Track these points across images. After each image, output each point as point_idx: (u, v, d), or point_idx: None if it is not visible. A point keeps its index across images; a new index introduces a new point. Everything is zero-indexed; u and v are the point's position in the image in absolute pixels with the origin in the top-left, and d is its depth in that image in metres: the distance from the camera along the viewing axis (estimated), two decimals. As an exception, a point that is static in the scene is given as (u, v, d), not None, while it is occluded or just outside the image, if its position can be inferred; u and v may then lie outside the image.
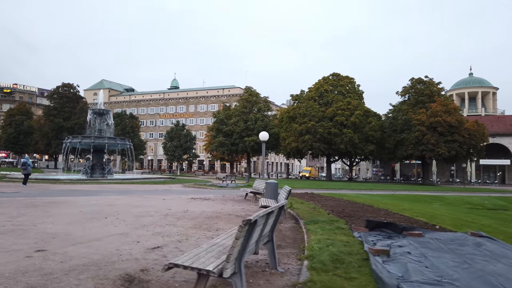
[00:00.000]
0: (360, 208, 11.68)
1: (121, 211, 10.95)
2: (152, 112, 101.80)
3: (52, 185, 26.33)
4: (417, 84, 48.10)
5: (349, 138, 46.37)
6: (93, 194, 18.08)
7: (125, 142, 38.93)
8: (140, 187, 25.87)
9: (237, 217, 10.11)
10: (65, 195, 17.22)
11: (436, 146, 42.62)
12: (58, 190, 20.30)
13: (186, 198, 16.33)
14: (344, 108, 47.76)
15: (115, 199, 15.35)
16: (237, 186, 26.20)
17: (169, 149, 61.11)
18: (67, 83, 72.91)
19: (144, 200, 14.77)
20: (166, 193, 19.97)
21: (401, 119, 45.71)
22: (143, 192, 20.47)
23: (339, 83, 52.11)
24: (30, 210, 10.70)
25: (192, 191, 22.46)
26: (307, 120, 48.33)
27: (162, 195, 18.18)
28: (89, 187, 24.65)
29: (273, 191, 12.54)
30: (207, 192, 21.52)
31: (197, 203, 13.87)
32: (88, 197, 15.94)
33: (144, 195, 17.59)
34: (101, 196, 16.59)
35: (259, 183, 16.12)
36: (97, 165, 37.10)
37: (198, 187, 25.88)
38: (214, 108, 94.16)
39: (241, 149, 54.03)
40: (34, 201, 13.43)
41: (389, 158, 52.30)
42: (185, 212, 11.03)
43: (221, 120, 55.28)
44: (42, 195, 16.47)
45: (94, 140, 35.74)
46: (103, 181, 31.43)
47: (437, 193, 27.87)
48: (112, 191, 20.28)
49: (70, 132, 66.38)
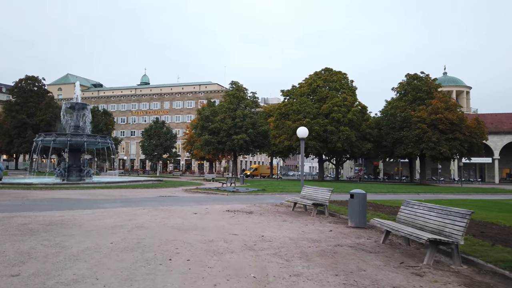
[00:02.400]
0: (500, 228, 8.68)
1: (172, 240, 7.38)
2: (123, 109, 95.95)
3: (27, 191, 21.89)
4: (413, 80, 46.34)
5: (346, 136, 43.92)
6: (90, 205, 14.17)
7: (106, 140, 34.58)
8: (135, 193, 21.92)
9: (357, 251, 6.81)
10: (56, 207, 13.24)
11: (437, 144, 40.90)
12: (41, 200, 16.15)
13: (221, 211, 12.81)
14: (341, 105, 45.27)
15: (131, 213, 11.61)
16: (250, 191, 22.74)
17: (148, 148, 56.42)
18: (31, 76, 66.31)
19: (176, 216, 11.12)
20: (180, 201, 16.28)
21: (400, 116, 43.71)
22: (149, 200, 16.65)
23: (332, 78, 49.59)
24: (33, 242, 6.95)
25: (205, 198, 18.83)
26: (301, 117, 45.46)
27: (181, 204, 14.51)
28: (73, 193, 20.47)
29: (361, 206, 9.35)
30: (226, 199, 17.97)
31: (252, 221, 10.44)
32: (91, 211, 12.11)
33: (160, 206, 13.88)
34: (107, 209, 12.78)
35: (312, 190, 12.85)
36: (74, 167, 32.65)
37: (206, 193, 22.22)
38: (191, 105, 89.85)
39: (228, 147, 50.44)
40: (26, 222, 9.54)
41: (387, 156, 50.37)
42: (266, 240, 7.59)
43: (207, 117, 51.40)
44: (27, 209, 12.46)
45: (71, 138, 31.30)
46: (84, 186, 27.15)
47: (486, 196, 25.36)
48: (111, 200, 16.36)
49: (35, 129, 60.21)
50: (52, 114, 61.85)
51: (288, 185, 30.94)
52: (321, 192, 12.06)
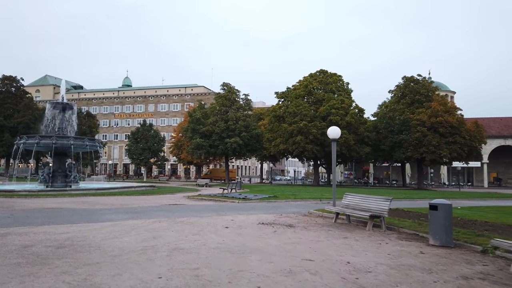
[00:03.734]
0: None
1: (238, 271, 5.49)
2: (106, 111, 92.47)
3: (10, 200, 19.47)
4: (410, 82, 45.46)
5: (345, 140, 42.53)
6: (92, 217, 12.06)
7: (95, 144, 32.17)
8: (135, 200, 19.75)
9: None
10: (54, 220, 11.09)
11: (437, 148, 39.96)
12: (31, 211, 13.89)
13: (253, 223, 10.92)
14: (338, 107, 43.87)
15: (150, 228, 9.60)
16: (261, 198, 20.84)
17: (135, 152, 53.70)
18: (8, 76, 62.47)
19: (207, 232, 9.18)
20: (193, 211, 14.25)
21: (399, 119, 42.61)
22: (157, 210, 14.56)
23: (327, 80, 48.24)
24: (49, 279, 4.96)
25: (218, 206, 16.85)
26: (298, 120, 43.84)
27: (199, 215, 12.48)
28: (64, 202, 18.18)
29: (447, 221, 7.68)
30: (242, 207, 16.06)
31: (308, 239, 8.61)
32: (98, 226, 10.06)
33: (177, 218, 11.89)
34: (115, 222, 10.72)
35: (358, 199, 11.12)
36: (59, 172, 30.12)
37: (214, 200, 20.19)
38: (177, 107, 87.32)
39: (221, 151, 48.38)
40: (27, 243, 7.46)
41: (384, 160, 49.27)
42: (362, 271, 5.78)
43: (198, 119, 49.20)
44: (19, 223, 10.29)
45: (57, 140, 28.69)
46: (73, 193, 24.73)
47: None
48: (112, 210, 14.25)
49: (12, 133, 56.65)
50: (31, 116, 58.42)
51: (291, 191, 29.23)
52: (374, 201, 10.35)
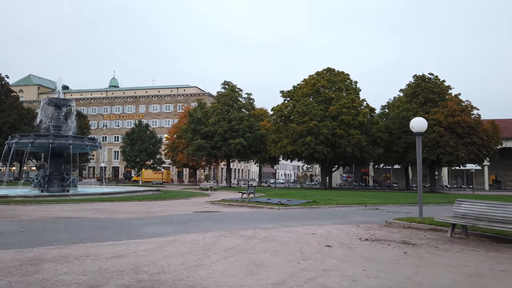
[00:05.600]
0: None
1: None
2: (94, 112, 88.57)
3: (7, 207, 16.54)
4: (422, 81, 43.71)
5: (357, 140, 40.41)
6: (127, 230, 9.30)
7: (95, 144, 29.08)
8: (156, 207, 16.98)
9: None
10: (85, 236, 8.29)
11: (454, 149, 38.20)
12: (42, 221, 11.03)
13: (349, 238, 8.44)
14: (349, 106, 41.73)
15: (227, 248, 6.97)
16: (300, 204, 18.30)
17: (131, 154, 50.43)
18: (-9, 73, 58.64)
19: (310, 253, 6.62)
20: (246, 222, 11.59)
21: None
22: (198, 220, 11.76)
23: (335, 78, 46.14)
24: None
25: (264, 214, 14.23)
26: (307, 119, 41.50)
27: (262, 226, 9.81)
28: (73, 210, 15.31)
29: None
30: (292, 216, 13.51)
31: (463, 272, 6.19)
32: (151, 242, 7.38)
33: (240, 231, 9.27)
34: (168, 238, 8.04)
35: (484, 207, 8.72)
36: (55, 175, 27.04)
37: (246, 206, 17.54)
38: (169, 108, 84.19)
39: (224, 153, 45.73)
40: (80, 279, 4.79)
41: (396, 162, 47.33)
42: None
43: (199, 119, 46.43)
44: (41, 240, 7.49)
45: (54, 139, 25.55)
46: (75, 198, 21.81)
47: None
48: (144, 220, 11.51)
49: (-5, 133, 52.67)
50: (17, 116, 54.58)
51: (313, 194, 26.83)
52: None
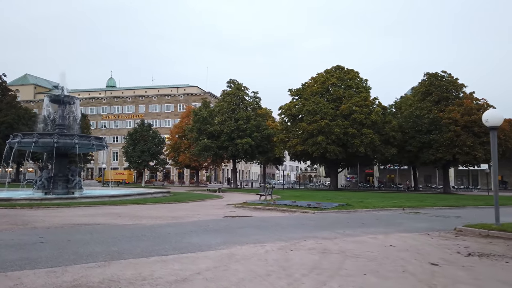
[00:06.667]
0: None
1: None
2: (92, 112, 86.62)
3: (14, 211, 14.92)
4: (435, 79, 42.52)
5: (370, 140, 39.07)
6: (169, 241, 7.79)
7: (102, 143, 27.55)
8: (177, 212, 15.49)
9: None
10: (121, 249, 6.76)
11: (471, 149, 37.00)
12: (62, 230, 9.49)
13: (448, 252, 7.02)
14: (362, 104, 40.39)
15: (323, 270, 5.52)
16: (336, 207, 16.83)
17: (133, 155, 48.75)
18: (-13, 71, 56.71)
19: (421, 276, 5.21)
20: (293, 228, 10.15)
21: (427, 118, 39.44)
22: (240, 227, 10.26)
23: (345, 76, 44.81)
24: None
25: (297, 219, 12.77)
26: (318, 118, 40.09)
27: (322, 235, 8.40)
28: (87, 214, 13.78)
29: None
30: (336, 221, 12.05)
31: None
32: (209, 259, 5.91)
33: (298, 241, 7.81)
34: (222, 251, 6.57)
35: None
36: (59, 176, 25.50)
37: (276, 210, 16.07)
38: (169, 108, 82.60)
39: (231, 153, 44.21)
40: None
41: (409, 162, 46.05)
42: None
43: (204, 118, 44.86)
44: (72, 256, 5.96)
45: (59, 139, 23.97)
46: (84, 201, 20.28)
47: None
48: (180, 229, 10.03)
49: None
50: (15, 116, 52.83)
51: (331, 196, 25.44)
52: None
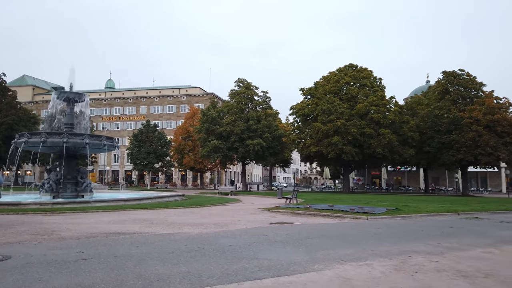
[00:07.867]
0: None
1: None
2: (93, 114, 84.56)
3: (27, 217, 13.20)
4: (453, 78, 41.13)
5: (388, 141, 37.57)
6: (227, 255, 6.14)
7: (113, 143, 25.80)
8: (212, 217, 13.82)
9: None
10: (198, 262, 5.12)
11: (495, 149, 35.60)
12: (93, 238, 7.79)
13: None
14: (379, 104, 38.93)
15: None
16: (386, 212, 15.21)
17: (139, 157, 46.99)
18: (-14, 71, 54.85)
19: None
20: (356, 239, 8.56)
21: (447, 118, 37.98)
22: (305, 237, 8.61)
23: (360, 75, 43.34)
24: None
25: (359, 226, 11.15)
26: (334, 118, 38.56)
27: (426, 249, 6.76)
28: (112, 220, 12.07)
29: None
30: (411, 229, 10.42)
31: None
32: (292, 285, 4.30)
33: (390, 255, 6.19)
34: (317, 275, 4.92)
35: None
36: (68, 178, 23.76)
37: (321, 215, 14.42)
38: (172, 109, 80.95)
39: (241, 154, 42.57)
40: None
41: (428, 164, 44.52)
42: None
43: (213, 118, 43.22)
44: (149, 277, 4.34)
45: (68, 138, 22.27)
46: (98, 205, 18.57)
47: None
48: (242, 240, 8.38)
49: (-7, 134, 48.96)
50: (15, 117, 51.00)
51: (358, 199, 23.86)
52: None
